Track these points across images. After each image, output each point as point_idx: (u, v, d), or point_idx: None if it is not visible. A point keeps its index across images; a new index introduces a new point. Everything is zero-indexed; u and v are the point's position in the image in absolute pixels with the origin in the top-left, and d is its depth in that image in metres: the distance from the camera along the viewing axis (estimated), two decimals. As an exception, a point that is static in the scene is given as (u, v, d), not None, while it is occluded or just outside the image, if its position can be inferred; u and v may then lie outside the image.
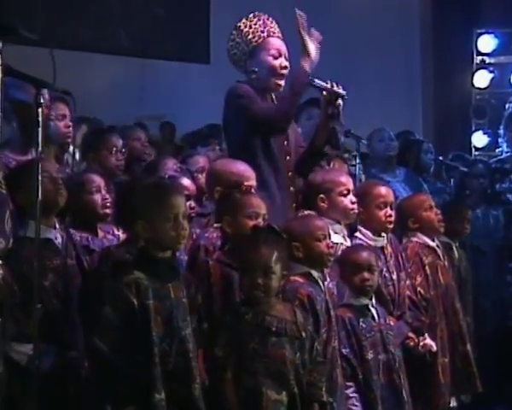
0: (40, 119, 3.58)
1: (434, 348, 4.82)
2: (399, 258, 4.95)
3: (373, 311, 4.40)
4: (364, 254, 4.42)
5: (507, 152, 7.37)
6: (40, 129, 3.57)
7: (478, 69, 10.07)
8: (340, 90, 4.72)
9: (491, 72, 10.02)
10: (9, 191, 3.49)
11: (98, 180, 4.34)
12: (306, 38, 4.67)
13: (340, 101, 4.71)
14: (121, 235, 4.24)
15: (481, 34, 10.11)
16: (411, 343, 4.72)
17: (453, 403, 5.06)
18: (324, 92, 4.71)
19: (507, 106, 8.27)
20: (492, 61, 10.11)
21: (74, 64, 9.56)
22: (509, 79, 9.95)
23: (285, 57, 4.80)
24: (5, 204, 3.37)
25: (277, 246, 3.75)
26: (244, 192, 4.17)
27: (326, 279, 4.28)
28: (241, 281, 3.75)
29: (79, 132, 8.50)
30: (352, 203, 4.63)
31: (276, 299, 3.76)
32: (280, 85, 4.79)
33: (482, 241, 6.65)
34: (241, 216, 3.98)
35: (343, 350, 4.23)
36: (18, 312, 3.60)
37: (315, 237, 4.12)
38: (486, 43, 10.09)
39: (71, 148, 8.40)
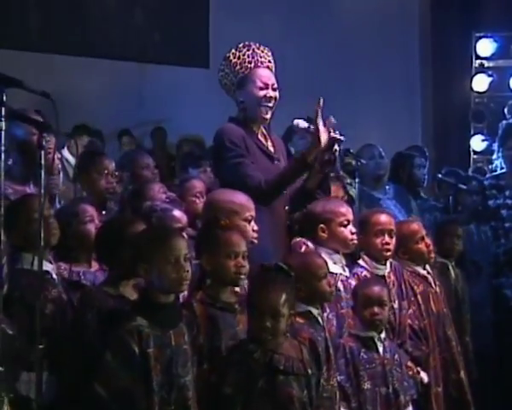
0: (43, 162, 3.59)
1: (426, 379, 4.82)
2: (402, 286, 4.97)
3: (378, 344, 4.41)
4: (376, 289, 4.45)
5: (501, 168, 7.32)
6: (43, 171, 3.58)
7: (477, 73, 10.01)
8: (338, 136, 4.63)
9: (489, 75, 9.96)
10: (4, 228, 3.50)
11: (91, 210, 4.37)
12: (321, 127, 4.56)
13: (336, 146, 4.63)
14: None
15: (480, 38, 10.05)
16: (410, 373, 4.69)
17: None
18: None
19: (503, 123, 8.17)
20: (491, 64, 10.05)
21: (72, 69, 9.75)
22: (508, 83, 9.87)
23: (272, 88, 4.77)
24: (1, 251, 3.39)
25: (286, 287, 3.75)
26: (223, 228, 4.06)
27: (326, 311, 4.32)
28: (249, 322, 3.73)
29: (80, 142, 8.53)
30: (352, 234, 4.63)
31: (283, 337, 3.75)
32: (266, 119, 4.79)
33: (478, 256, 6.70)
34: (220, 255, 3.88)
35: (338, 377, 4.25)
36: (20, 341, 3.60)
37: (316, 276, 4.14)
38: (485, 46, 10.02)
39: (70, 158, 8.46)
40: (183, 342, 3.49)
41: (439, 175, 7.21)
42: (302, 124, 4.75)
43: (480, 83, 9.99)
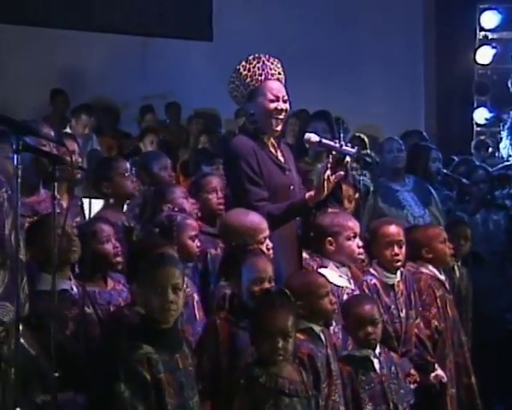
0: (56, 193, 3.60)
1: (445, 378, 4.92)
2: (412, 296, 5.02)
3: (375, 362, 4.43)
4: (367, 308, 4.43)
5: (509, 156, 7.36)
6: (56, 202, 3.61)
7: (481, 45, 10.00)
8: (349, 149, 4.66)
9: (493, 47, 9.96)
10: (27, 244, 3.63)
11: (108, 229, 4.38)
12: (327, 178, 4.54)
13: (348, 159, 4.65)
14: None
15: (484, 10, 10.04)
16: (411, 380, 4.74)
17: None
18: (333, 152, 4.65)
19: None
20: (495, 36, 10.05)
21: (77, 43, 9.72)
22: None
23: (283, 100, 4.78)
24: (22, 271, 3.41)
25: (292, 309, 3.85)
26: (251, 253, 4.17)
27: (332, 324, 4.36)
28: (259, 344, 3.78)
29: (80, 122, 8.52)
30: (359, 247, 4.69)
31: (288, 359, 3.82)
32: (277, 130, 4.81)
33: (482, 246, 6.69)
34: (247, 279, 4.03)
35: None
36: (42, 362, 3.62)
37: (318, 295, 4.17)
38: (489, 18, 10.02)
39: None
40: (188, 365, 3.56)
41: (444, 171, 7.18)
42: (314, 138, 4.75)
43: (484, 55, 9.99)
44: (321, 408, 3.99)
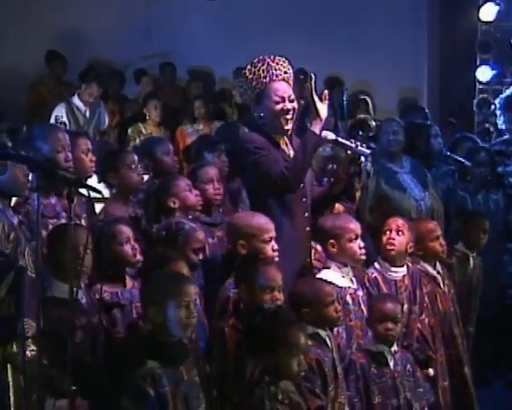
0: (72, 214, 3.64)
1: (431, 373, 5.03)
2: (417, 291, 5.14)
3: (389, 358, 4.59)
4: (391, 306, 4.62)
5: (507, 130, 7.37)
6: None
7: (484, 2, 9.84)
8: (364, 149, 4.76)
9: (497, 4, 9.82)
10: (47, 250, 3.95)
11: (127, 230, 4.46)
12: (317, 100, 4.72)
13: (362, 159, 4.77)
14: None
15: (488, -32, 9.88)
16: None
17: None
18: (349, 151, 4.77)
19: (502, 97, 8.18)
20: (499, -7, 9.92)
21: (80, 2, 9.70)
22: None
23: (289, 100, 4.82)
24: (34, 288, 3.56)
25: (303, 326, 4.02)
26: (262, 261, 4.31)
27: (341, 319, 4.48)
28: (280, 361, 3.82)
29: (89, 90, 8.51)
30: (360, 248, 4.78)
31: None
32: (287, 130, 4.86)
33: None
34: (258, 287, 4.16)
35: (348, 392, 4.45)
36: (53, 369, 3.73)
37: (324, 303, 4.31)
38: (492, -24, 9.87)
39: (81, 105, 8.46)
40: (193, 375, 3.66)
41: (448, 153, 7.16)
42: (330, 136, 4.82)
43: (488, 12, 9.85)
44: (328, 409, 4.19)
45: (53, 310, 3.78)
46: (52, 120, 8.06)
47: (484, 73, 9.89)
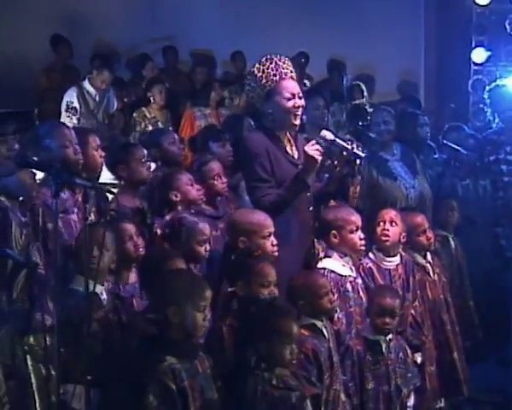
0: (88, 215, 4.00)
1: (419, 360, 5.25)
2: (410, 279, 5.37)
3: (384, 346, 4.84)
4: (390, 301, 4.86)
5: (497, 123, 7.62)
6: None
7: None
8: (359, 152, 4.96)
9: None
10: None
11: (130, 227, 4.68)
12: (307, 149, 4.85)
13: (358, 161, 4.97)
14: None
15: (484, -48, 10.02)
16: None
17: (441, 404, 5.56)
18: (344, 153, 4.94)
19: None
20: (494, -24, 10.09)
21: None
22: None
23: (298, 97, 5.01)
24: (45, 284, 3.79)
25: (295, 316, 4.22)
26: (257, 259, 4.46)
27: (336, 311, 4.73)
28: (273, 349, 3.98)
29: (100, 77, 8.65)
30: (361, 239, 5.01)
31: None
32: (295, 125, 5.06)
33: (474, 210, 7.02)
34: (256, 284, 4.30)
35: (343, 377, 4.70)
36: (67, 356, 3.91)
37: (319, 295, 4.53)
38: (489, -41, 10.02)
39: (92, 89, 8.62)
40: (206, 368, 3.83)
41: (444, 141, 7.38)
42: (329, 136, 5.02)
43: None
44: (323, 396, 4.38)
45: (71, 299, 4.00)
46: (64, 105, 8.29)
47: (479, 55, 10.02)
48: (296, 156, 5.10)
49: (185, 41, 10.22)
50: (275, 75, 4.99)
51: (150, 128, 8.41)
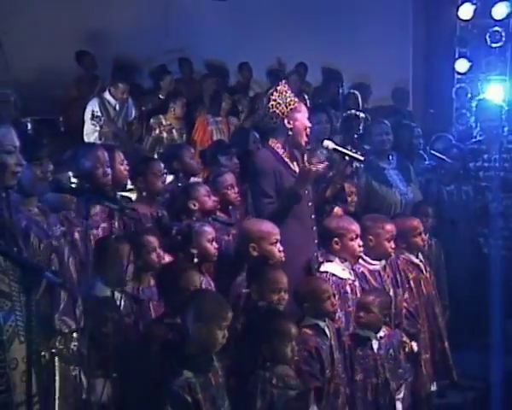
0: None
1: (416, 349, 5.53)
2: (397, 276, 5.70)
3: (373, 343, 5.13)
4: (364, 297, 5.21)
5: (481, 135, 8.10)
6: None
7: (463, 2, 10.44)
8: (358, 156, 5.44)
9: (473, 4, 10.38)
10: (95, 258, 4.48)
11: (153, 240, 4.96)
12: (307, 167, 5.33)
13: (356, 164, 5.41)
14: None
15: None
16: (406, 348, 5.40)
17: (434, 388, 5.89)
18: (346, 157, 5.37)
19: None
20: (475, -6, 10.37)
21: (105, 5, 10.10)
22: (490, 11, 10.23)
23: (309, 120, 5.49)
24: (74, 292, 3.95)
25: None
26: (272, 267, 4.85)
27: (337, 311, 5.09)
28: (271, 350, 4.31)
29: (119, 90, 9.08)
30: (359, 246, 5.38)
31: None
32: (307, 143, 5.53)
33: (457, 213, 7.47)
34: (268, 289, 4.65)
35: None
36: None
37: (321, 299, 4.85)
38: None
39: (112, 100, 9.04)
40: (219, 379, 4.02)
41: (432, 151, 7.81)
42: (331, 145, 5.46)
43: (465, 11, 10.42)
44: (325, 388, 4.72)
45: (90, 304, 4.07)
46: (88, 114, 8.70)
47: (462, 65, 10.48)
48: (297, 171, 5.50)
49: (196, 52, 10.62)
50: (294, 96, 5.49)
51: (165, 135, 8.90)
